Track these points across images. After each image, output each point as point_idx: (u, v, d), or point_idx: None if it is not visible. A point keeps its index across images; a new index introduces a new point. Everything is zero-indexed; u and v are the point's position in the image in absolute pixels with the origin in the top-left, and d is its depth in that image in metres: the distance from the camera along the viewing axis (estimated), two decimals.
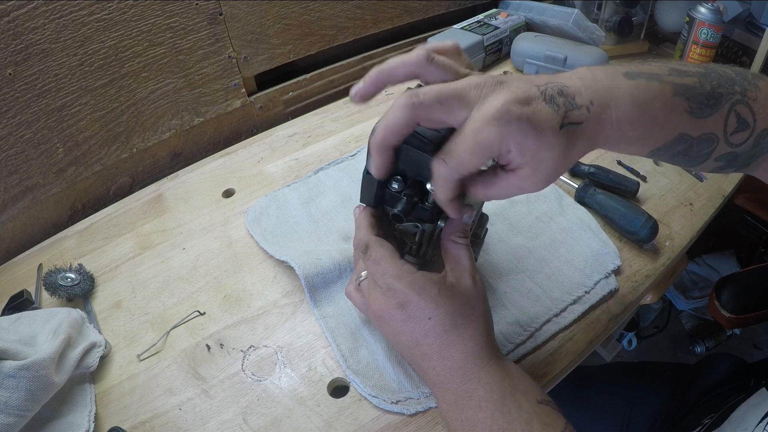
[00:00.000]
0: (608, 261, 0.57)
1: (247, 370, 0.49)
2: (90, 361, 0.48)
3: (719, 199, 0.68)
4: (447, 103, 0.31)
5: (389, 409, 0.45)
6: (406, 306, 0.39)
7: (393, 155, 0.37)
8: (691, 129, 0.35)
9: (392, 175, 0.40)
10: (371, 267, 0.41)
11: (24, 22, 0.56)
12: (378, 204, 0.42)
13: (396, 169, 0.40)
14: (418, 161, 0.38)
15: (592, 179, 0.67)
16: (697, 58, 0.82)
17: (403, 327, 0.40)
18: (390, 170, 0.38)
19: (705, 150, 0.36)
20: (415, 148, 0.37)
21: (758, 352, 1.48)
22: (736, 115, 0.35)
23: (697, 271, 1.51)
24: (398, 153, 0.38)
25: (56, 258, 0.62)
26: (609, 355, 1.44)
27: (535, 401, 0.37)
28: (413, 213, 0.40)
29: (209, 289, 0.57)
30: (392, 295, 0.39)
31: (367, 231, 0.43)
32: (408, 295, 0.39)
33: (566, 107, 0.31)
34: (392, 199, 0.40)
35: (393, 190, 0.40)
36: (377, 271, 0.41)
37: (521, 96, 0.31)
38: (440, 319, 0.38)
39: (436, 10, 1.00)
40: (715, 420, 0.56)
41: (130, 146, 0.72)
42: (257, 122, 0.86)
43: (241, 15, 0.74)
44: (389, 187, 0.40)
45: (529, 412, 0.36)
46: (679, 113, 0.34)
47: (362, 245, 0.43)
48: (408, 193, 0.39)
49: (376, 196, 0.41)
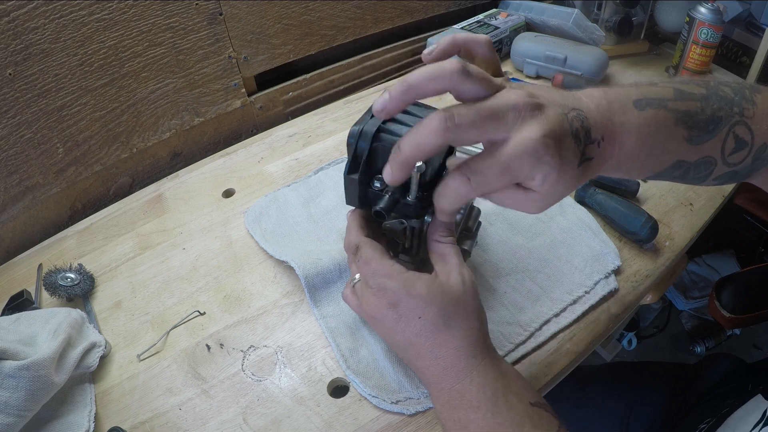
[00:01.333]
0: (608, 261, 0.57)
1: (247, 370, 0.49)
2: (90, 361, 0.48)
3: (719, 199, 0.68)
4: (483, 127, 0.31)
5: (389, 409, 0.45)
6: (396, 306, 0.39)
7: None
8: (689, 155, 0.36)
9: (373, 174, 0.40)
10: (362, 268, 0.41)
11: (24, 22, 0.56)
12: (364, 204, 0.42)
13: (375, 167, 0.40)
14: None
15: (592, 179, 0.67)
16: (697, 57, 0.82)
17: (395, 327, 0.40)
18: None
19: (703, 172, 0.37)
20: (391, 147, 0.37)
21: (758, 352, 1.48)
22: (734, 136, 0.36)
23: (697, 271, 1.51)
24: (373, 152, 0.38)
25: (56, 258, 0.62)
26: (609, 355, 1.44)
27: (528, 403, 0.37)
28: (396, 209, 0.40)
29: (209, 289, 0.57)
30: (383, 295, 0.39)
31: (356, 232, 0.43)
32: (398, 295, 0.39)
33: (585, 142, 0.32)
34: (376, 198, 0.40)
35: (375, 189, 0.40)
36: (367, 272, 0.41)
37: (557, 130, 0.31)
38: (431, 318, 0.38)
39: (436, 10, 1.00)
40: (711, 425, 0.56)
41: (130, 146, 0.72)
42: (257, 122, 0.86)
43: (241, 15, 0.74)
44: (372, 187, 0.40)
45: (520, 413, 0.36)
46: (678, 141, 0.35)
47: (352, 247, 0.42)
48: (390, 190, 0.39)
49: (360, 197, 0.41)
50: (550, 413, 0.38)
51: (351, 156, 0.39)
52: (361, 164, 0.39)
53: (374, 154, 0.39)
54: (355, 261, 0.42)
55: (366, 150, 0.38)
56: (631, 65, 0.97)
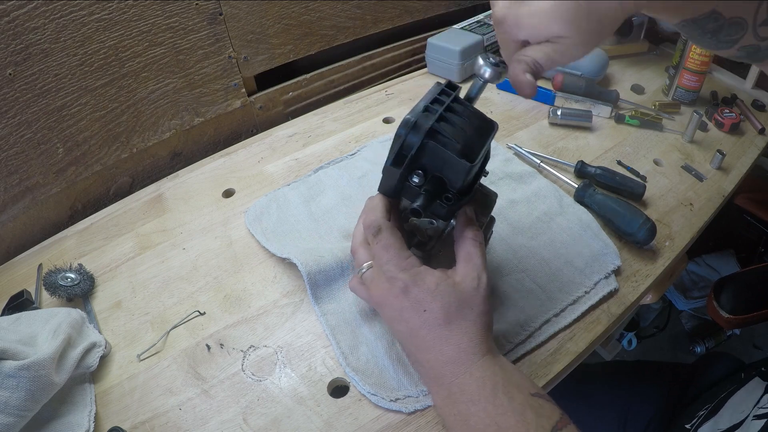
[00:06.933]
0: (608, 261, 0.57)
1: (247, 370, 0.49)
2: (90, 361, 0.48)
3: (719, 199, 0.68)
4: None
5: (388, 407, 0.45)
6: (406, 295, 0.40)
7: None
8: (725, 9, 0.35)
9: (414, 169, 0.40)
10: (379, 251, 0.42)
11: (24, 22, 0.56)
12: (396, 195, 0.43)
13: (418, 163, 0.40)
14: (442, 158, 0.39)
15: (598, 181, 0.67)
16: (697, 58, 0.82)
17: (401, 315, 0.41)
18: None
19: (733, 36, 0.36)
20: (442, 146, 0.38)
21: (758, 352, 1.48)
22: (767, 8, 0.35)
23: (697, 271, 1.51)
24: (423, 148, 0.39)
25: (56, 258, 0.62)
26: (609, 354, 1.44)
27: (529, 394, 0.38)
28: (431, 209, 0.41)
29: (209, 289, 0.57)
30: (393, 283, 0.41)
31: (382, 214, 0.44)
32: (407, 285, 0.40)
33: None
34: (410, 192, 0.41)
35: (413, 184, 0.40)
36: (384, 257, 0.42)
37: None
38: (434, 312, 0.39)
39: (436, 10, 1.00)
40: (710, 410, 0.56)
41: (130, 146, 0.72)
42: (257, 122, 0.86)
43: (241, 15, 0.74)
44: (410, 181, 0.40)
45: (522, 403, 0.37)
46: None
47: (375, 227, 0.43)
48: (427, 188, 0.40)
49: (395, 188, 0.42)
50: (552, 403, 0.38)
51: (398, 147, 0.39)
52: (407, 158, 0.39)
53: (422, 151, 0.39)
54: (374, 242, 0.43)
55: (416, 145, 0.38)
56: (631, 65, 0.97)
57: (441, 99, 0.41)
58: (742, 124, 0.82)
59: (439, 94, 0.41)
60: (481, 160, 0.41)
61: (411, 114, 0.39)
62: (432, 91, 0.41)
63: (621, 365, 0.93)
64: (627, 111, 0.82)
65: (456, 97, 0.41)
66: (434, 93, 0.41)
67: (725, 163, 0.73)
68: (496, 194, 0.48)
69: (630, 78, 0.93)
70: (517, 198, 0.65)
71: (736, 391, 0.55)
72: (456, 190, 0.41)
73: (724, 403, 0.55)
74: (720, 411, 0.54)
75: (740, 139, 0.80)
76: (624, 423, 0.73)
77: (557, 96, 0.84)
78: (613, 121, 0.81)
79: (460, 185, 0.40)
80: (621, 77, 0.93)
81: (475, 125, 0.40)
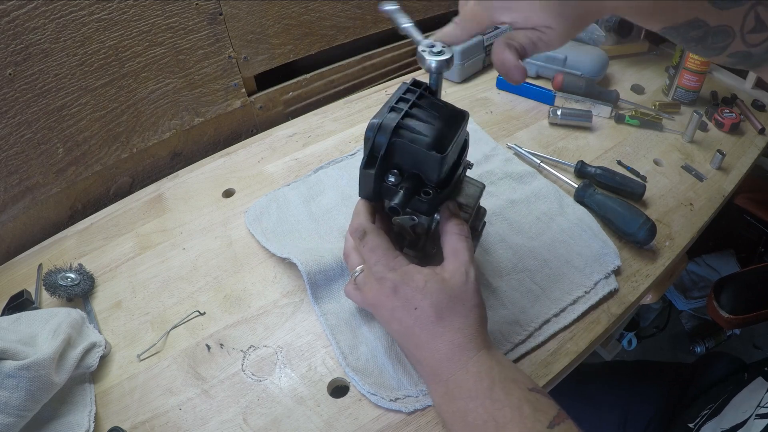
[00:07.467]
0: (608, 261, 0.57)
1: (247, 370, 0.49)
2: (90, 361, 0.48)
3: (719, 199, 0.68)
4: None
5: (387, 407, 0.45)
6: (395, 295, 0.41)
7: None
8: (709, 17, 0.34)
9: (388, 169, 0.41)
10: (367, 254, 0.43)
11: (24, 22, 0.56)
12: (377, 198, 0.43)
13: (391, 162, 0.40)
14: (413, 155, 0.39)
15: (598, 181, 0.67)
16: (697, 58, 0.82)
17: (394, 315, 0.41)
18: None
19: (720, 43, 0.36)
20: (410, 142, 0.38)
21: (758, 352, 1.48)
22: (755, 15, 0.35)
23: (697, 271, 1.51)
24: (392, 147, 0.39)
25: (56, 258, 0.62)
26: (609, 354, 1.44)
27: (526, 389, 0.38)
28: (411, 205, 0.41)
29: (209, 289, 0.57)
30: (383, 283, 0.41)
31: (365, 218, 0.44)
32: (396, 285, 0.41)
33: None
34: (389, 192, 0.41)
35: (390, 184, 0.41)
36: (371, 259, 0.42)
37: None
38: (425, 310, 0.40)
39: (436, 10, 1.00)
40: (713, 410, 0.56)
41: (130, 146, 0.72)
42: (257, 122, 0.86)
43: (241, 15, 0.74)
44: (386, 181, 0.41)
45: (519, 398, 0.37)
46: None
47: (360, 231, 0.44)
48: (406, 186, 0.40)
49: (374, 190, 0.42)
50: (549, 398, 0.38)
51: (368, 150, 0.40)
52: (378, 159, 0.39)
53: (392, 149, 0.39)
54: (361, 246, 0.43)
55: (384, 145, 0.39)
56: (631, 65, 0.97)
57: (406, 98, 0.41)
58: (742, 124, 0.82)
59: (405, 93, 0.42)
60: (455, 150, 0.41)
61: (377, 116, 0.40)
62: (398, 91, 0.42)
63: (621, 365, 0.93)
64: (627, 111, 0.82)
65: (422, 93, 0.42)
66: (400, 92, 0.42)
67: (725, 163, 0.73)
68: (483, 185, 0.49)
69: (630, 78, 0.93)
70: (517, 198, 0.65)
71: (738, 390, 0.55)
72: (434, 183, 0.41)
73: (727, 403, 0.55)
74: (723, 410, 0.54)
75: (740, 139, 0.80)
76: (624, 423, 0.72)
77: (557, 96, 0.84)
78: (613, 121, 0.81)
79: (436, 178, 0.40)
80: (621, 77, 0.93)
81: (444, 117, 0.40)
